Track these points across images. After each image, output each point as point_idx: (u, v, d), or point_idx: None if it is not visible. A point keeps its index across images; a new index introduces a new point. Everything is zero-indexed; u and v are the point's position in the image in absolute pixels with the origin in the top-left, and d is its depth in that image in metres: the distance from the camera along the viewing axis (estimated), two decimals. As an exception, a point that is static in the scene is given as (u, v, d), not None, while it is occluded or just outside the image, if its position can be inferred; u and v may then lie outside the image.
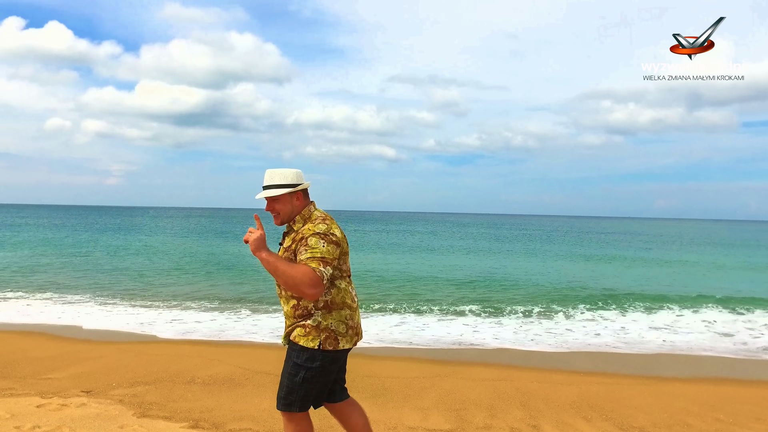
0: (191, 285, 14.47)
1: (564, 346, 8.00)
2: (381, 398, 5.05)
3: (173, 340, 7.80)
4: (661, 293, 13.92)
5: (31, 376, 5.46)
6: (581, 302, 12.09)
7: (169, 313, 10.13)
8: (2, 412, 4.22)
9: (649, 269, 21.68)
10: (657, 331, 9.18)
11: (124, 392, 4.95)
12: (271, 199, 2.69)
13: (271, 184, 2.69)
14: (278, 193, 2.65)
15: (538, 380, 5.85)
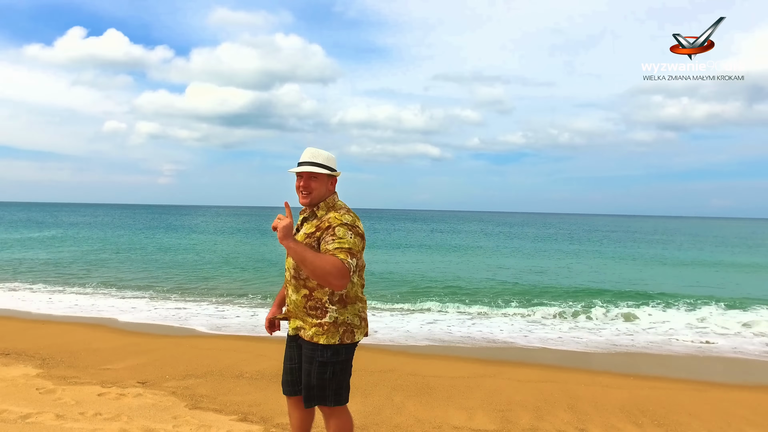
0: (239, 281, 14.86)
1: (610, 348, 7.79)
2: (425, 397, 5.06)
3: (222, 335, 8.04)
4: (710, 295, 13.36)
5: (92, 367, 5.75)
6: (627, 303, 11.74)
7: (217, 308, 10.45)
8: (68, 398, 4.48)
9: (696, 270, 20.83)
10: (705, 335, 8.82)
11: (176, 384, 5.14)
12: (309, 175, 2.60)
13: (313, 161, 2.62)
14: (320, 171, 2.59)
15: (586, 382, 5.73)
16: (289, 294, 2.70)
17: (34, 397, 4.52)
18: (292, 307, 2.70)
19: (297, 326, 2.72)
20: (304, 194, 2.62)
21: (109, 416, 4.06)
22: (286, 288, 2.75)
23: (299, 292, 2.63)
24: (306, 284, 2.61)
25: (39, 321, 8.72)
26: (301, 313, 2.66)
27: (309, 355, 2.64)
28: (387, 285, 14.56)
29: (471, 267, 20.48)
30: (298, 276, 2.62)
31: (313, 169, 2.59)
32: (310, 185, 2.60)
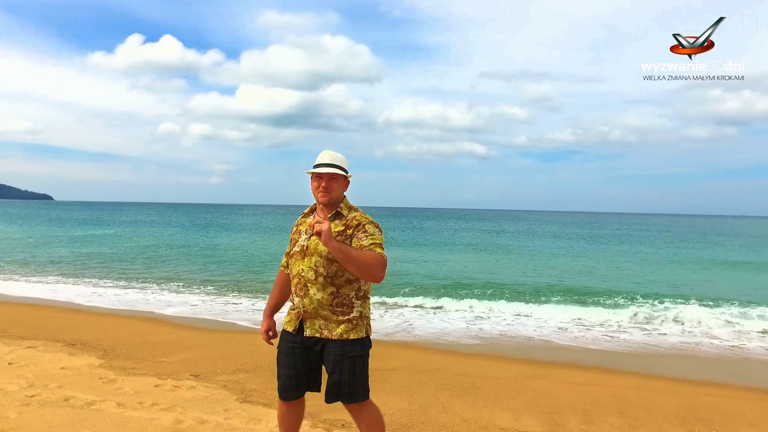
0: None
1: (662, 351, 7.53)
2: (471, 397, 5.04)
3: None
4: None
5: (149, 359, 6.01)
6: (681, 305, 11.26)
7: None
8: (128, 388, 4.71)
9: (755, 273, 19.76)
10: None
11: (227, 378, 5.31)
12: (330, 176, 2.68)
13: (333, 164, 2.71)
14: (339, 173, 2.71)
15: (637, 387, 5.56)
16: (310, 295, 2.66)
17: (97, 385, 4.77)
18: (313, 307, 2.67)
19: (317, 327, 2.69)
20: (324, 194, 2.69)
21: (165, 407, 4.24)
22: (299, 291, 2.71)
23: (326, 290, 2.65)
24: (334, 282, 2.65)
25: (102, 314, 9.17)
26: (326, 312, 2.66)
27: (338, 353, 2.66)
28: (430, 282, 14.53)
29: (515, 267, 20.18)
30: (326, 274, 2.64)
31: (333, 170, 2.69)
32: (331, 186, 2.69)
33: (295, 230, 2.86)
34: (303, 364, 2.75)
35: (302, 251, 2.71)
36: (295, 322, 2.75)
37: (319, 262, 2.64)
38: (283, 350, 2.79)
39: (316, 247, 2.65)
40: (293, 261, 2.76)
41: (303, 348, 2.73)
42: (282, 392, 2.83)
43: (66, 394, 4.44)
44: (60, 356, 5.85)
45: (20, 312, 9.02)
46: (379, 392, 5.03)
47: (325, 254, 2.63)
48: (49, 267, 16.98)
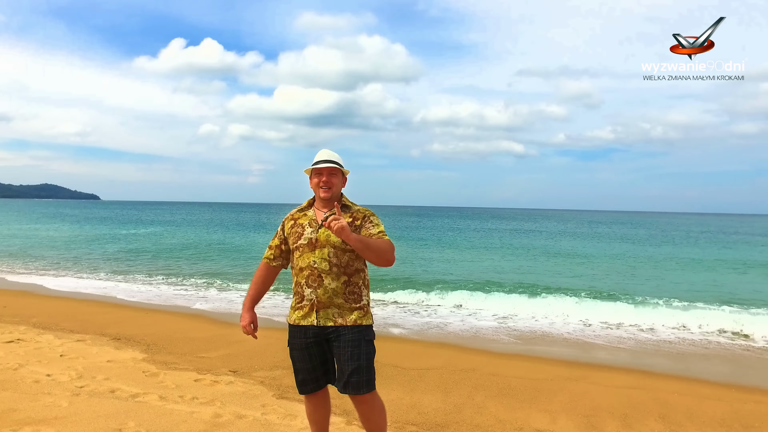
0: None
1: (706, 355, 7.28)
2: (506, 398, 4.99)
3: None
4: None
5: (189, 354, 6.19)
6: (724, 309, 10.85)
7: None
8: (169, 382, 4.86)
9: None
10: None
11: (265, 375, 5.42)
12: (330, 171, 2.81)
13: (334, 161, 2.83)
14: (339, 168, 2.84)
15: (680, 391, 5.40)
16: (324, 285, 2.73)
17: (140, 378, 4.95)
18: (327, 297, 2.74)
19: (331, 315, 2.75)
20: (325, 189, 2.81)
21: (205, 401, 4.36)
22: (312, 283, 2.75)
23: (339, 279, 2.75)
24: (346, 271, 2.76)
25: (145, 310, 9.48)
26: (340, 300, 2.75)
27: (355, 339, 2.74)
28: (462, 281, 14.44)
29: (550, 268, 19.84)
30: (339, 264, 2.75)
31: (333, 165, 2.82)
32: (332, 181, 2.81)
33: (294, 224, 2.90)
34: (319, 356, 2.84)
35: (311, 243, 2.78)
36: (310, 314, 2.79)
37: (332, 252, 2.75)
38: (296, 346, 2.86)
39: (327, 239, 2.75)
40: (300, 254, 2.81)
41: (316, 341, 2.81)
42: (302, 386, 2.91)
43: (112, 386, 4.62)
44: (106, 350, 6.09)
45: (71, 307, 9.42)
46: (414, 391, 5.05)
47: (337, 244, 2.74)
48: (97, 264, 17.65)
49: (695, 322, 9.31)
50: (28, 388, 4.44)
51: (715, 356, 7.32)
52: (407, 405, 4.64)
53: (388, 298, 11.47)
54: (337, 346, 2.77)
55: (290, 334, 2.91)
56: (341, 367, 2.77)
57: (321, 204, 2.86)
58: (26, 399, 4.14)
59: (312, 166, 2.86)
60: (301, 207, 2.97)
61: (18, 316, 8.12)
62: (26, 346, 6.03)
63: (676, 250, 29.25)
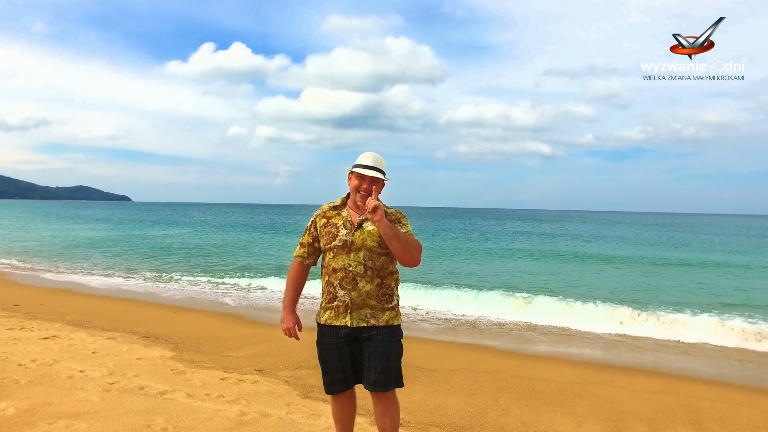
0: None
1: (740, 360, 7.07)
2: (532, 401, 4.95)
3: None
4: None
5: (216, 353, 6.29)
6: (753, 314, 10.52)
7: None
8: (196, 380, 4.96)
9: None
10: None
11: (289, 374, 5.47)
12: (372, 179, 2.77)
13: (377, 167, 2.80)
14: (383, 179, 2.82)
15: (711, 397, 5.26)
16: (359, 288, 2.74)
17: (168, 376, 5.05)
18: (361, 299, 2.75)
19: (364, 316, 2.76)
20: (363, 196, 2.76)
21: (231, 399, 4.43)
22: (346, 285, 2.75)
23: (373, 282, 2.76)
24: (380, 273, 2.78)
25: (174, 309, 9.67)
26: (373, 302, 2.77)
27: (386, 339, 2.78)
28: (478, 283, 14.33)
29: (579, 271, 19.53)
30: (373, 266, 2.76)
31: (377, 174, 2.79)
32: (372, 189, 2.77)
33: (326, 223, 2.85)
34: (349, 356, 2.85)
35: (346, 246, 2.76)
36: (343, 315, 2.79)
37: (368, 256, 2.75)
38: (327, 346, 2.86)
39: (364, 242, 2.74)
40: (333, 255, 2.79)
41: (347, 341, 2.82)
42: (330, 387, 2.91)
43: (141, 383, 4.73)
44: (136, 347, 6.23)
45: (103, 305, 9.67)
46: (438, 393, 5.04)
47: (373, 248, 2.74)
48: (128, 263, 18.07)
49: (729, 328, 9.05)
50: (63, 383, 4.58)
51: (749, 362, 7.12)
52: (431, 406, 4.64)
53: (411, 299, 11.45)
54: (369, 346, 2.78)
55: (320, 333, 2.91)
56: (371, 365, 2.78)
57: (356, 205, 2.83)
58: (60, 394, 4.27)
59: (355, 166, 2.80)
60: (335, 204, 2.91)
61: (54, 313, 8.37)
62: (61, 342, 6.22)
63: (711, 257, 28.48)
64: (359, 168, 2.78)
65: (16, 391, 4.27)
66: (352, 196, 2.84)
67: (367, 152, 2.84)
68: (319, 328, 2.92)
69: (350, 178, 2.84)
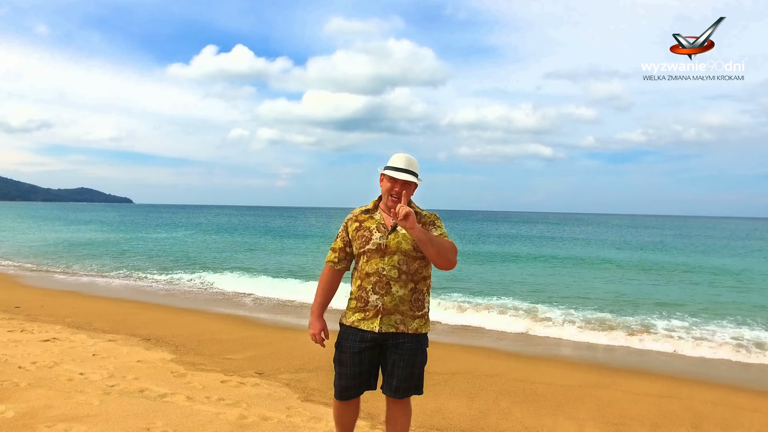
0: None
1: (746, 364, 7.04)
2: (532, 404, 4.93)
3: (334, 330, 8.39)
4: None
5: (216, 355, 6.28)
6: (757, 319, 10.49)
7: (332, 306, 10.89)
8: (196, 383, 4.94)
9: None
10: None
11: (290, 377, 5.46)
12: (405, 182, 2.71)
13: (414, 171, 2.74)
14: (416, 182, 2.75)
15: (714, 401, 5.24)
16: (392, 292, 2.69)
17: (169, 379, 5.04)
18: (394, 304, 2.70)
19: (393, 322, 2.71)
20: (395, 200, 2.71)
21: (231, 402, 4.42)
22: (379, 289, 2.71)
23: (407, 286, 2.71)
24: (413, 278, 2.72)
25: (175, 311, 9.66)
26: (405, 308, 2.71)
27: (412, 348, 2.74)
28: (482, 287, 14.30)
29: (579, 276, 19.49)
30: (407, 270, 2.70)
31: (411, 177, 2.71)
32: (405, 193, 2.71)
33: (359, 227, 2.80)
34: (369, 362, 2.78)
35: (380, 249, 2.71)
36: (373, 320, 2.73)
37: (402, 260, 2.70)
38: (348, 349, 2.78)
39: (399, 246, 2.69)
40: (367, 259, 2.73)
41: (371, 346, 2.75)
42: (343, 392, 2.83)
43: (141, 385, 4.72)
44: (136, 350, 6.22)
45: (103, 307, 9.66)
46: (438, 396, 5.02)
47: (408, 252, 2.69)
48: (128, 265, 18.06)
49: (732, 331, 9.02)
50: (62, 385, 4.57)
51: (751, 365, 7.09)
52: (432, 410, 4.62)
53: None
54: (394, 353, 2.74)
55: (343, 335, 2.83)
56: (395, 371, 2.73)
57: (389, 208, 2.75)
58: (60, 396, 4.26)
59: (388, 168, 2.74)
60: (366, 208, 2.86)
61: (54, 315, 8.37)
62: (61, 345, 6.21)
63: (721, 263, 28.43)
64: (391, 170, 2.72)
65: (15, 394, 4.26)
66: (384, 198, 2.78)
67: (400, 153, 2.77)
68: (342, 329, 2.85)
69: (382, 180, 2.78)
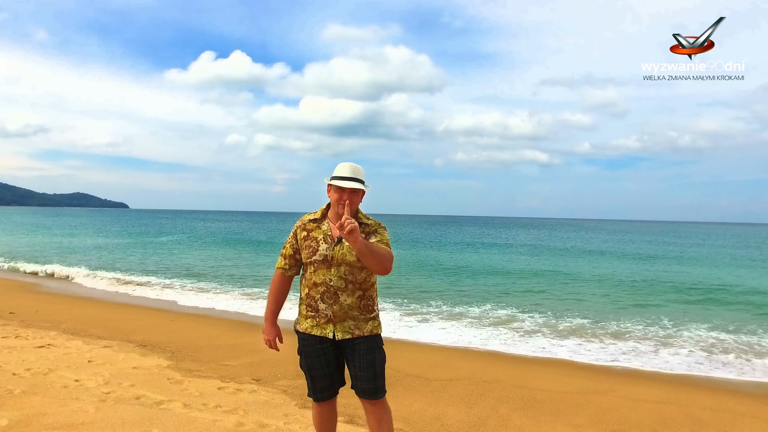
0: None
1: (745, 371, 7.03)
2: (531, 410, 4.90)
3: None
4: None
5: (213, 362, 6.24)
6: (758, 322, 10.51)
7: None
8: (193, 390, 4.90)
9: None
10: None
11: (287, 383, 5.42)
12: (352, 191, 2.74)
13: (359, 178, 2.77)
14: (363, 189, 2.79)
15: (713, 407, 5.23)
16: (340, 302, 2.75)
17: (165, 386, 4.99)
18: (343, 312, 2.76)
19: (348, 328, 2.78)
20: (344, 206, 2.73)
21: (228, 409, 4.38)
22: (327, 299, 2.76)
23: (354, 294, 2.78)
24: (362, 286, 2.80)
25: (170, 317, 9.60)
26: (354, 314, 2.79)
27: (370, 348, 2.81)
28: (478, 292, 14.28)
29: (573, 286, 19.49)
30: (354, 280, 2.77)
31: (356, 185, 2.75)
32: (353, 200, 2.75)
33: (306, 236, 2.83)
34: (335, 361, 2.88)
35: (326, 261, 2.75)
36: (324, 326, 2.80)
37: (348, 270, 2.75)
38: (312, 354, 2.87)
39: (344, 257, 2.73)
40: (315, 269, 2.77)
41: (332, 347, 2.84)
42: (318, 394, 2.94)
43: (137, 392, 4.67)
44: (132, 356, 6.17)
45: (99, 313, 9.59)
46: (437, 403, 5.00)
47: (353, 263, 2.74)
48: (124, 270, 17.97)
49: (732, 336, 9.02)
50: (57, 393, 4.52)
51: (751, 372, 7.08)
52: (430, 416, 4.59)
53: (412, 307, 11.39)
54: (351, 354, 2.82)
55: (303, 342, 2.90)
56: (358, 374, 2.82)
57: (336, 217, 2.78)
58: (55, 404, 4.21)
59: (333, 178, 2.78)
60: (315, 216, 2.88)
61: (49, 321, 8.30)
62: (56, 351, 6.16)
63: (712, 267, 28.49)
64: (337, 180, 2.76)
65: (9, 401, 4.21)
66: (333, 208, 2.81)
67: (344, 162, 2.81)
68: (300, 336, 2.93)
69: (329, 190, 2.82)
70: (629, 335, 9.04)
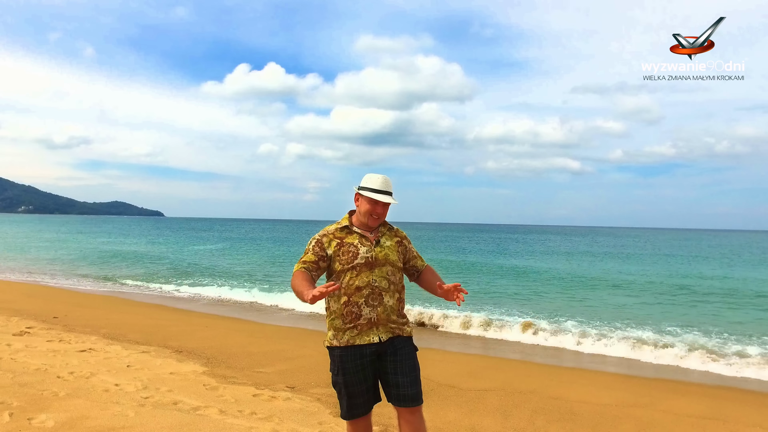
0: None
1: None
2: (569, 423, 4.79)
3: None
4: None
5: (248, 368, 6.30)
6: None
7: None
8: (228, 396, 4.95)
9: None
10: None
11: (321, 391, 5.43)
12: (385, 205, 2.84)
13: (390, 192, 2.86)
14: (394, 203, 2.87)
15: (763, 425, 5.01)
16: (384, 303, 2.75)
17: (201, 392, 5.06)
18: (386, 314, 2.77)
19: (390, 328, 2.79)
20: (376, 219, 2.84)
21: (263, 416, 4.41)
22: (372, 301, 2.72)
23: (395, 296, 2.82)
24: (397, 288, 2.85)
25: (206, 323, 9.75)
26: (393, 317, 2.81)
27: (410, 351, 2.83)
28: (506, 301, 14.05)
29: (611, 292, 19.04)
30: (395, 281, 2.83)
31: (391, 200, 2.83)
32: (385, 213, 2.87)
33: (339, 243, 2.77)
34: (372, 377, 2.82)
35: (369, 262, 2.76)
36: (368, 331, 2.75)
37: (391, 270, 2.82)
38: (351, 370, 2.75)
39: (387, 257, 2.81)
40: (357, 273, 2.73)
41: (371, 360, 2.78)
42: (353, 411, 2.81)
43: (175, 398, 4.75)
44: (169, 362, 6.28)
45: (135, 318, 9.82)
46: (472, 413, 4.93)
47: (395, 262, 2.83)
48: (160, 277, 18.38)
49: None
50: (99, 396, 4.63)
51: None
52: (465, 427, 4.53)
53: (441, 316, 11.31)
54: (394, 360, 2.77)
55: (341, 358, 2.77)
56: (400, 380, 2.75)
57: (364, 226, 2.85)
58: (97, 407, 4.31)
59: (367, 190, 2.81)
60: (343, 225, 2.86)
61: (90, 326, 8.54)
62: (97, 355, 6.32)
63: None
64: (370, 192, 2.81)
65: (55, 403, 4.33)
66: (364, 218, 2.84)
67: (377, 174, 2.85)
68: (338, 352, 2.78)
69: (358, 199, 2.86)
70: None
